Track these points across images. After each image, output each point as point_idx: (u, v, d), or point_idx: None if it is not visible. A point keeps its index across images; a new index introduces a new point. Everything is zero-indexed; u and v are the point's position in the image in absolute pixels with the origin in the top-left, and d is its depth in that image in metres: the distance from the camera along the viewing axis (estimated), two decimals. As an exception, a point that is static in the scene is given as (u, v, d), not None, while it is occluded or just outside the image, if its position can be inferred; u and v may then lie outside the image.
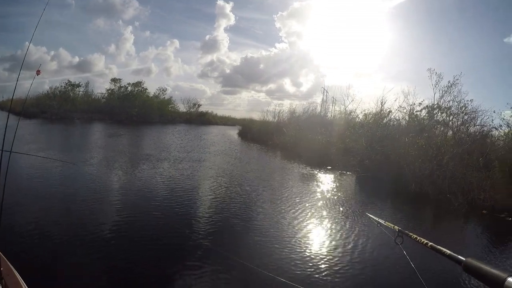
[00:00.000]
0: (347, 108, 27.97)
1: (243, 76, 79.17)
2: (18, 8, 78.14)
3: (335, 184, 13.88)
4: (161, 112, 48.14)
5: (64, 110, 39.98)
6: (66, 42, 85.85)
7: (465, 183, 12.37)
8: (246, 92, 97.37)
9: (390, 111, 20.12)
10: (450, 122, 17.95)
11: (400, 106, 19.54)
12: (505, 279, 0.72)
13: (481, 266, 0.83)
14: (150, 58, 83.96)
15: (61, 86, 45.27)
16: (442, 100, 19.05)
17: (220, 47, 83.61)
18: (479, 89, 53.99)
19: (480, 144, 15.04)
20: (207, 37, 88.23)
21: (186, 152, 18.33)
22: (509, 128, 16.70)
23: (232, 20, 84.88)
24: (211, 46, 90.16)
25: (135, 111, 44.54)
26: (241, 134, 35.45)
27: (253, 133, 32.59)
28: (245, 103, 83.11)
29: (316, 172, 16.04)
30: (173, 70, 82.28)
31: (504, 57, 54.14)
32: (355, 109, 28.09)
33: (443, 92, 18.96)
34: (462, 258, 0.96)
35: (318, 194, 11.46)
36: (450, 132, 18.15)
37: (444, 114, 18.83)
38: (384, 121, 19.58)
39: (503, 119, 16.72)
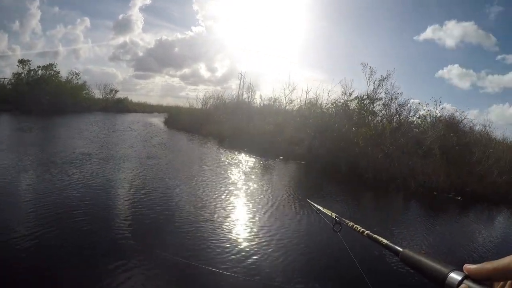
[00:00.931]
0: (286, 98, 28.40)
1: (157, 60, 74.82)
2: None
3: (293, 175, 13.85)
4: (75, 99, 41.93)
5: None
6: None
7: (409, 169, 13.30)
8: (160, 77, 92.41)
9: (335, 102, 20.90)
10: (383, 111, 19.29)
11: (346, 95, 20.56)
12: (446, 274, 0.66)
13: (420, 259, 0.77)
14: (58, 38, 74.22)
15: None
16: (374, 92, 20.44)
17: (134, 28, 77.10)
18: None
19: (415, 133, 16.39)
20: (121, 16, 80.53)
21: (130, 147, 15.98)
22: (431, 118, 18.59)
23: (148, -1, 79.87)
24: (124, 26, 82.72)
25: (47, 98, 37.64)
26: (168, 123, 33.35)
27: (183, 122, 30.66)
28: (158, 88, 79.09)
29: (271, 163, 15.63)
30: (82, 53, 73.00)
31: (414, 53, 60.83)
32: (287, 97, 28.82)
33: (377, 85, 20.33)
34: (399, 248, 0.89)
35: (278, 186, 11.19)
36: (378, 121, 19.60)
37: (376, 105, 20.23)
38: (330, 111, 20.19)
39: (429, 109, 18.53)
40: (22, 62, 42.23)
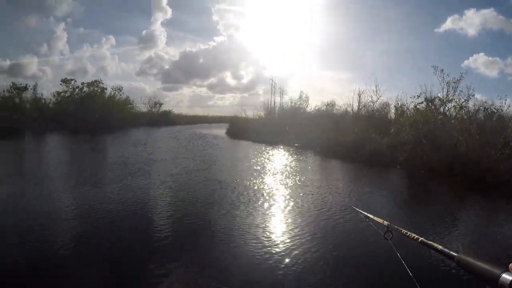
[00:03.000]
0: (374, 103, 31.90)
1: (183, 72, 78.18)
2: None
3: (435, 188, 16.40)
4: (121, 114, 43.17)
5: (8, 119, 31.82)
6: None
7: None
8: (187, 88, 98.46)
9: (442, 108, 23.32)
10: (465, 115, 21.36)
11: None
12: (499, 275, 0.73)
13: (474, 262, 0.84)
14: (85, 57, 76.49)
15: (3, 91, 37.10)
16: (447, 95, 22.83)
17: (158, 42, 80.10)
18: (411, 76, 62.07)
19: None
20: (144, 32, 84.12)
21: (248, 169, 16.32)
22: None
23: (168, 14, 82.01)
24: (148, 41, 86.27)
25: (95, 116, 38.75)
26: (233, 134, 35.05)
27: (250, 132, 32.35)
28: (187, 99, 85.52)
29: (419, 179, 17.69)
30: (109, 69, 75.61)
31: (436, 45, 66.15)
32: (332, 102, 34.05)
33: (449, 87, 22.93)
34: (454, 253, 0.96)
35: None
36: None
37: (450, 107, 22.46)
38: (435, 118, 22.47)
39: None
40: (65, 81, 43.18)
